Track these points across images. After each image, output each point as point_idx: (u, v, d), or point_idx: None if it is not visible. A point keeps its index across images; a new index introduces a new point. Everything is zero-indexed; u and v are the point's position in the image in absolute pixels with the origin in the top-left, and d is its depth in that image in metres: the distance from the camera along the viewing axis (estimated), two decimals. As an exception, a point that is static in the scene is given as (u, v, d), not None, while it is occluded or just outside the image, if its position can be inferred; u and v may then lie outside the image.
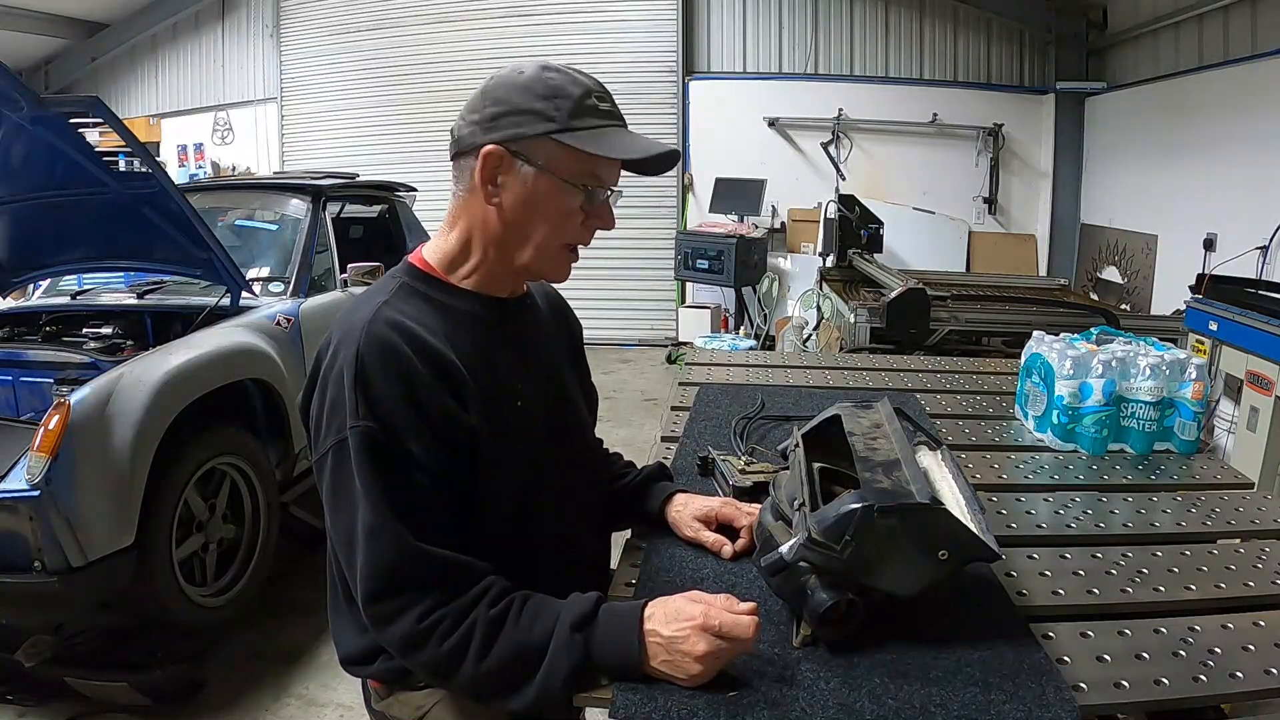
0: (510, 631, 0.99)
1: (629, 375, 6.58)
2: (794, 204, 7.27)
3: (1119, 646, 1.04)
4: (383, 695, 1.23)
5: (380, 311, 1.08)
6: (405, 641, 1.00)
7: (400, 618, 1.00)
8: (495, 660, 0.98)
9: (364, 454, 1.01)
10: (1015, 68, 7.17)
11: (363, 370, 1.03)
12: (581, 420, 1.33)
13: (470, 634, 0.98)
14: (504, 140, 1.09)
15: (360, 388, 1.02)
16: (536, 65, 1.12)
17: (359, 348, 1.04)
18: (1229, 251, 4.60)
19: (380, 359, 1.04)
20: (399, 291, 1.14)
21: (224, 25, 8.38)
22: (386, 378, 1.03)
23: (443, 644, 0.99)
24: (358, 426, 1.01)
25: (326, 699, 2.53)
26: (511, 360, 1.18)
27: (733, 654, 0.95)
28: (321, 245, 3.63)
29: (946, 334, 3.71)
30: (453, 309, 1.14)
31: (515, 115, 1.09)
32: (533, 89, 1.09)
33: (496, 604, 1.01)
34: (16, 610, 2.37)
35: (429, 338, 1.07)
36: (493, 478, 1.12)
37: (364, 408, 1.02)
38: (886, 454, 1.15)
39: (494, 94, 1.11)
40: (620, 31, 7.47)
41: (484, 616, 0.99)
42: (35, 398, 2.83)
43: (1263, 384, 2.96)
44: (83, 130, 3.64)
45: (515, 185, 1.10)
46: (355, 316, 1.09)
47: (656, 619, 0.97)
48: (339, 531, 1.05)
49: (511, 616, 1.00)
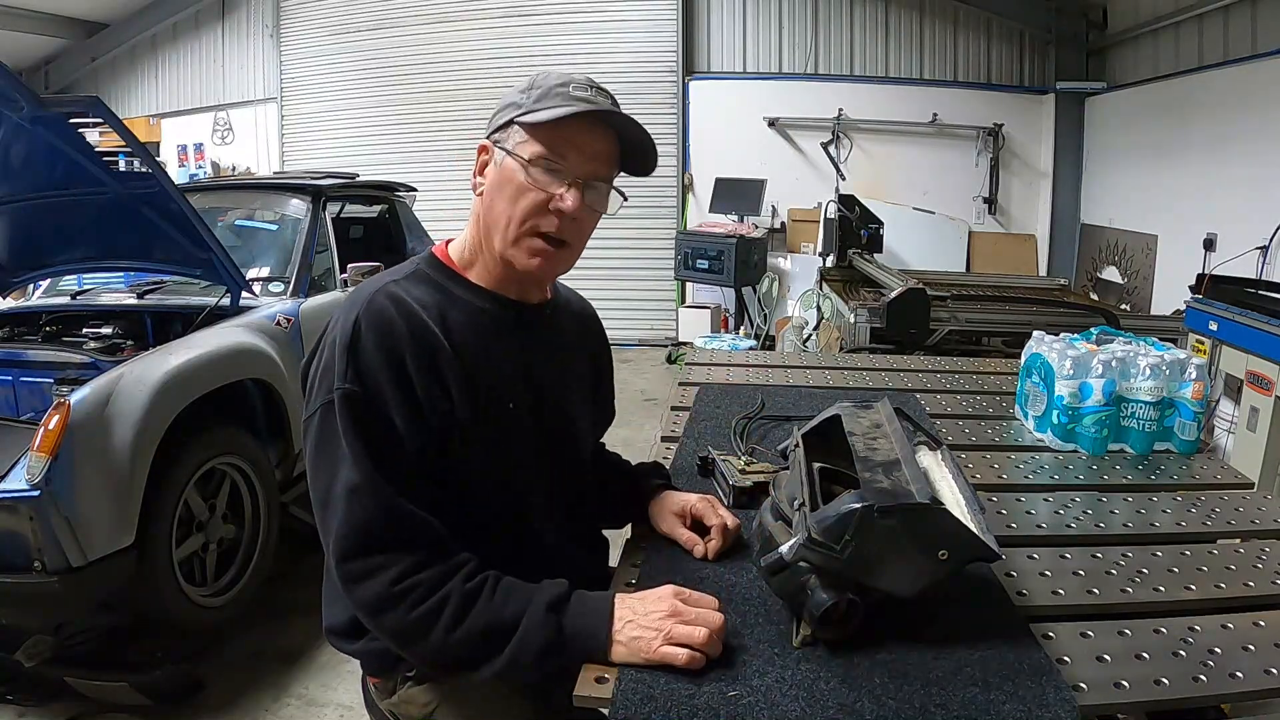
0: (484, 606, 1.01)
1: (629, 375, 6.57)
2: (794, 204, 7.27)
3: (1119, 646, 1.04)
4: (386, 692, 1.22)
5: (387, 286, 1.13)
6: (376, 602, 1.02)
7: (372, 578, 1.02)
8: (465, 632, 1.00)
9: (348, 416, 1.04)
10: (1015, 68, 7.17)
11: (357, 336, 1.07)
12: (578, 438, 1.32)
13: (444, 604, 1.00)
14: (490, 133, 1.16)
15: (351, 353, 1.06)
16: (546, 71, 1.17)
17: (358, 314, 1.08)
18: (1229, 251, 4.60)
19: (374, 328, 1.07)
20: (413, 275, 1.18)
21: (224, 25, 8.38)
22: (377, 347, 1.06)
23: (413, 610, 1.00)
24: (343, 389, 1.04)
25: (326, 699, 2.53)
26: (515, 363, 1.19)
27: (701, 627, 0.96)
28: (321, 245, 3.63)
29: (946, 334, 3.71)
30: (463, 301, 1.16)
31: (502, 110, 1.16)
32: (521, 85, 1.16)
33: (472, 579, 1.03)
34: (16, 610, 2.36)
35: (426, 319, 1.11)
36: (479, 475, 1.13)
37: (352, 372, 1.05)
38: (886, 454, 1.15)
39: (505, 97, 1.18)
40: (620, 31, 7.47)
41: (459, 589, 1.01)
42: (35, 398, 2.83)
43: (1263, 384, 2.96)
44: (83, 130, 3.63)
45: (492, 172, 1.16)
46: (365, 288, 1.14)
47: (626, 602, 1.02)
48: (318, 490, 1.07)
49: (486, 592, 1.02)
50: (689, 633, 0.96)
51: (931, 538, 1.00)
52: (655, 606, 0.99)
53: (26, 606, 2.34)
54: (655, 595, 1.02)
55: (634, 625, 0.98)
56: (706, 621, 0.97)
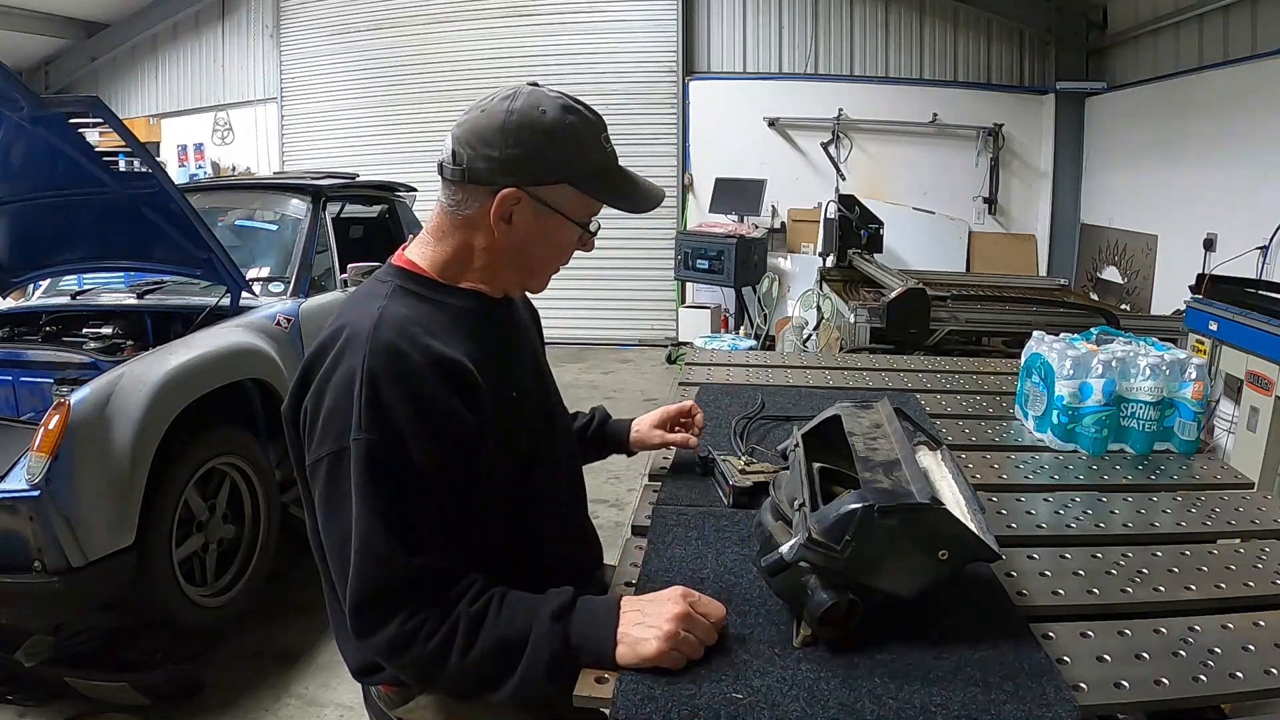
0: (491, 626, 1.00)
1: (629, 375, 6.57)
2: (794, 204, 7.27)
3: (1119, 646, 1.04)
4: (398, 700, 1.21)
5: (383, 317, 1.07)
6: (391, 645, 1.01)
7: (385, 625, 1.01)
8: (478, 654, 0.99)
9: (364, 468, 1.01)
10: (1015, 68, 7.17)
11: (372, 381, 1.02)
12: (561, 401, 1.40)
13: (454, 632, 1.00)
14: (523, 184, 1.11)
15: (367, 399, 1.02)
16: (559, 106, 1.11)
17: (365, 356, 1.03)
18: (1229, 251, 4.59)
19: (388, 369, 1.03)
20: (394, 295, 1.12)
21: (224, 25, 8.37)
22: (395, 388, 1.03)
23: (428, 644, 1.00)
24: (360, 439, 1.01)
25: (326, 699, 2.53)
26: (505, 354, 1.20)
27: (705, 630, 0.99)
28: (321, 245, 3.63)
29: (946, 334, 3.71)
30: (447, 306, 1.15)
31: (537, 161, 1.10)
32: (555, 134, 1.10)
33: (476, 601, 1.02)
34: (16, 610, 2.36)
35: (435, 343, 1.07)
36: (494, 467, 1.13)
37: (369, 419, 1.01)
38: (886, 454, 1.15)
39: (516, 134, 1.09)
40: (620, 31, 7.47)
41: (465, 614, 1.01)
42: (35, 398, 2.84)
43: (1263, 384, 2.96)
44: (83, 130, 3.64)
45: (525, 221, 1.13)
46: (356, 323, 1.08)
47: (634, 603, 1.02)
48: (332, 539, 1.06)
49: (492, 611, 1.01)
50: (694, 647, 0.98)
51: (931, 538, 1.00)
52: (663, 606, 0.99)
53: (26, 606, 2.33)
54: (666, 596, 1.02)
55: (640, 627, 0.98)
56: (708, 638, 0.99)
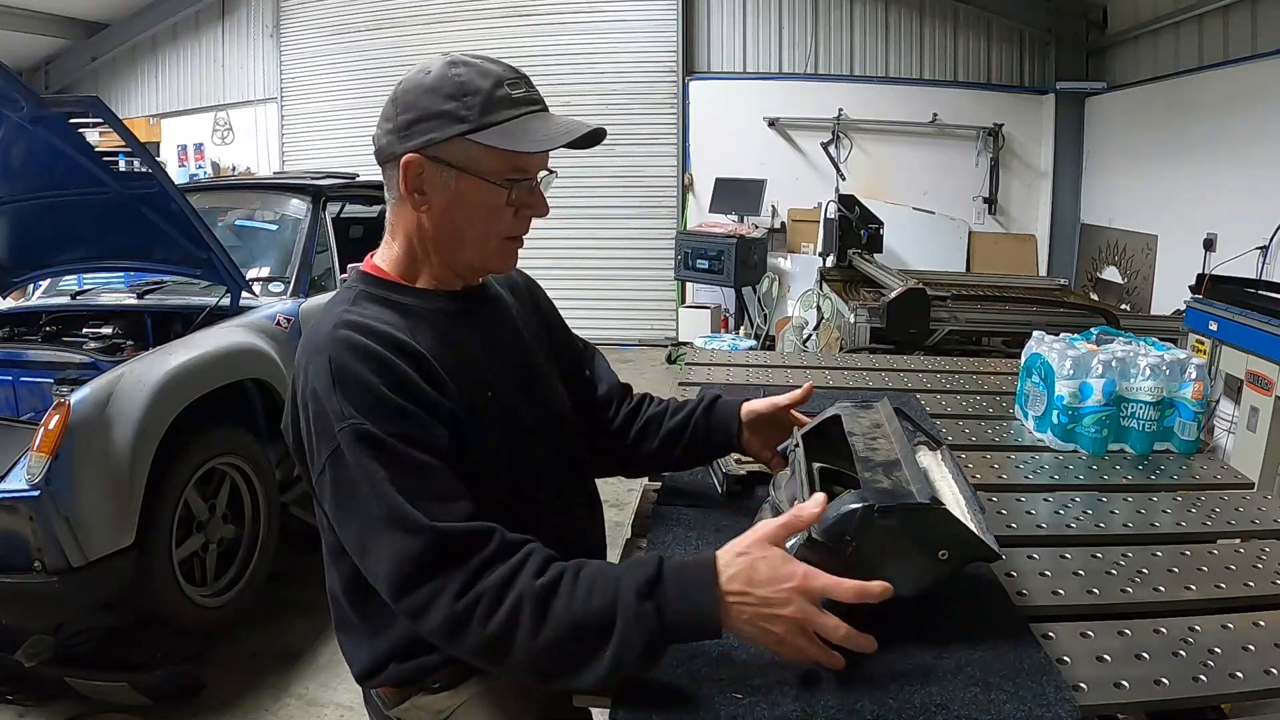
0: (565, 603, 0.92)
1: (629, 375, 6.48)
2: (794, 204, 7.27)
3: (1119, 646, 1.04)
4: (395, 700, 1.18)
5: (342, 319, 1.07)
6: (448, 627, 0.94)
7: (435, 604, 0.94)
8: (552, 635, 0.91)
9: (358, 449, 0.99)
10: (1015, 68, 7.17)
11: (338, 372, 1.01)
12: (562, 402, 1.31)
13: (518, 608, 0.92)
14: (420, 148, 1.07)
15: (338, 391, 1.01)
16: (443, 62, 1.09)
17: (329, 355, 1.03)
18: (1229, 251, 4.59)
19: (352, 358, 1.02)
20: (357, 299, 1.12)
21: (224, 25, 8.38)
22: (360, 367, 1.01)
23: (488, 623, 0.92)
24: (345, 427, 1.00)
25: (326, 699, 2.53)
26: (477, 351, 1.16)
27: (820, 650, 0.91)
28: (321, 245, 3.63)
29: (946, 334, 3.71)
30: (412, 308, 1.13)
31: (427, 120, 1.06)
32: (440, 89, 1.06)
33: (542, 574, 0.94)
34: (16, 610, 2.37)
35: (396, 333, 1.06)
36: (477, 467, 1.09)
37: (346, 407, 1.00)
38: (886, 454, 1.15)
39: (404, 99, 1.08)
40: (620, 31, 7.47)
41: (530, 589, 0.93)
42: (35, 398, 2.84)
43: (1263, 384, 2.96)
44: (83, 130, 3.64)
45: (440, 190, 1.09)
46: (318, 331, 1.08)
47: (740, 578, 0.92)
48: (351, 541, 1.02)
49: (565, 587, 0.93)
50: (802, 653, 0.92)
51: (931, 538, 1.00)
52: (782, 609, 0.90)
53: (26, 606, 2.34)
54: (785, 582, 0.91)
55: (753, 626, 0.91)
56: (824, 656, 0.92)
